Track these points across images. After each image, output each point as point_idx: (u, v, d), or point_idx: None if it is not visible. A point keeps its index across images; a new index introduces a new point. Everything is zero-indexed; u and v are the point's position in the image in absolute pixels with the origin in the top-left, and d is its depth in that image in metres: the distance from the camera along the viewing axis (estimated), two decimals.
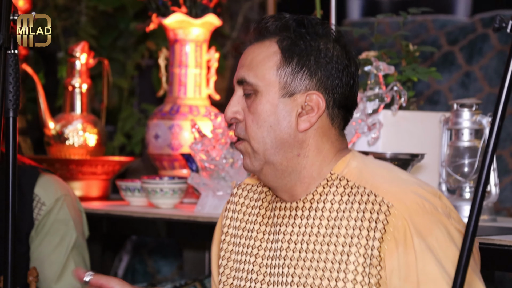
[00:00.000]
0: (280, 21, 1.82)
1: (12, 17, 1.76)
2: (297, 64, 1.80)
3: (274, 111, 1.80)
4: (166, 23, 3.40)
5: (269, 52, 1.81)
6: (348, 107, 1.84)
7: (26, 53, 3.71)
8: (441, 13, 4.22)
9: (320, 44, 1.80)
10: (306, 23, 1.81)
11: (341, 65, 1.81)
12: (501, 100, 1.42)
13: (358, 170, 1.81)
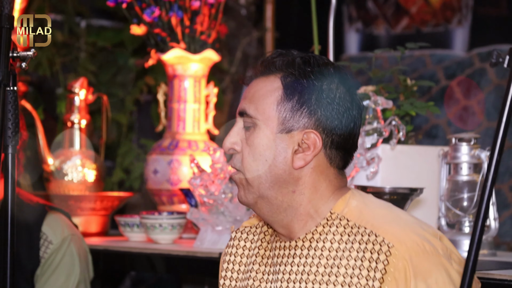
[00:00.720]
0: (287, 57, 1.83)
1: (12, 54, 1.76)
2: (298, 101, 1.80)
3: (270, 146, 1.81)
4: (165, 59, 3.41)
5: (272, 87, 1.82)
6: (347, 149, 1.84)
7: (25, 90, 3.72)
8: (438, 48, 4.23)
9: (324, 84, 1.81)
10: (312, 62, 1.82)
11: (342, 108, 1.81)
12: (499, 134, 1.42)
13: (358, 210, 1.80)
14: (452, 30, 4.34)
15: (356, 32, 4.72)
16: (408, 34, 4.45)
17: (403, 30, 4.51)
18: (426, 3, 4.45)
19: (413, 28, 4.47)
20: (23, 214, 2.55)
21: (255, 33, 4.99)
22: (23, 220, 2.53)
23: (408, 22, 4.49)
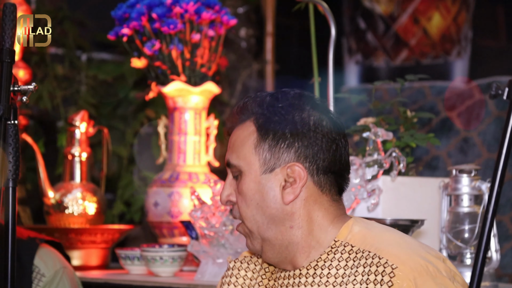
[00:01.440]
0: (257, 99, 1.86)
1: (12, 88, 1.77)
2: (273, 139, 1.82)
3: (258, 189, 1.82)
4: (165, 92, 3.42)
5: (247, 132, 1.85)
6: (337, 172, 1.85)
7: (26, 123, 3.73)
8: (438, 80, 4.25)
9: (295, 116, 1.82)
10: (280, 97, 1.84)
11: (319, 133, 1.82)
12: (500, 166, 1.43)
13: (361, 235, 1.81)
14: (451, 62, 4.35)
15: (356, 64, 4.74)
16: (407, 66, 4.47)
17: (402, 62, 4.52)
18: (426, 35, 4.47)
19: (413, 60, 4.49)
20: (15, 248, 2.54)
21: (255, 65, 5.01)
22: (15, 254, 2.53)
23: (408, 54, 4.51)
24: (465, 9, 4.32)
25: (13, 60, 1.78)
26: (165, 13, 3.34)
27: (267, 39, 4.97)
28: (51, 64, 4.46)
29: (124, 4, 3.41)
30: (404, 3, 4.55)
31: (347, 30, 4.77)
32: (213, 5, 3.40)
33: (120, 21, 3.41)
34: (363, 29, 4.72)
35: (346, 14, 4.79)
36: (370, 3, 4.69)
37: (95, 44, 4.70)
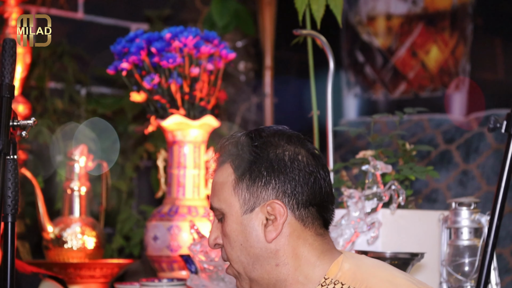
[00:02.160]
0: (232, 140, 1.87)
1: (12, 122, 1.77)
2: (250, 179, 1.83)
3: (241, 230, 1.83)
4: (164, 125, 3.42)
5: (226, 174, 1.86)
6: (319, 204, 1.85)
7: (26, 158, 3.73)
8: (436, 112, 4.26)
9: (270, 153, 1.83)
10: (255, 136, 1.85)
11: (296, 168, 1.83)
12: (499, 199, 1.43)
13: (352, 272, 1.80)
14: (449, 94, 4.37)
15: (354, 97, 4.75)
16: (406, 99, 4.48)
17: (401, 95, 4.54)
18: (424, 68, 4.48)
19: (411, 92, 4.50)
20: (19, 284, 2.53)
21: (254, 98, 5.02)
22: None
23: (406, 87, 4.52)
24: (462, 42, 4.34)
25: (13, 95, 1.79)
26: (164, 48, 3.35)
27: (266, 72, 4.98)
28: (50, 99, 4.47)
29: (123, 38, 3.43)
30: (402, 37, 4.57)
31: (345, 63, 4.79)
32: (212, 39, 3.41)
33: (119, 56, 3.42)
34: (361, 62, 4.74)
35: (344, 47, 4.81)
36: (368, 37, 4.72)
37: (95, 79, 4.71)
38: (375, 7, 4.69)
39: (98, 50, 4.71)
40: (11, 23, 3.53)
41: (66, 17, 4.68)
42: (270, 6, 4.92)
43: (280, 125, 1.91)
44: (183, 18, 5.00)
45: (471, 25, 4.32)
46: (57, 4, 4.62)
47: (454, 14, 4.38)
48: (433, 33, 4.47)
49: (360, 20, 4.74)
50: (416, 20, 4.52)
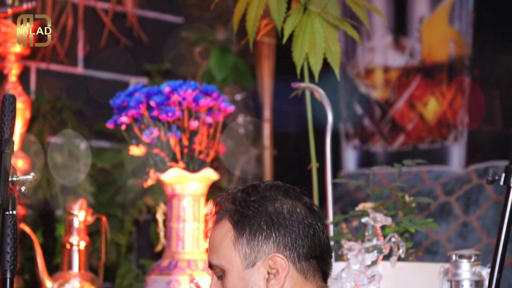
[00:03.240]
0: (228, 197, 1.87)
1: (11, 178, 1.78)
2: (250, 233, 1.83)
3: (242, 285, 1.83)
4: (163, 179, 3.42)
5: (224, 230, 1.86)
6: (318, 256, 1.84)
7: (25, 213, 3.72)
8: (435, 164, 4.26)
9: (268, 207, 1.84)
10: (252, 191, 1.86)
11: (295, 221, 1.83)
12: (499, 251, 1.42)
13: None
14: (448, 146, 4.37)
15: (353, 149, 4.76)
16: (405, 151, 4.49)
17: (400, 146, 4.54)
18: (422, 120, 4.50)
19: (410, 144, 4.51)
20: None
21: (253, 151, 5.03)
22: None
23: (405, 139, 4.53)
24: (460, 94, 4.36)
25: (12, 150, 1.79)
26: (163, 101, 3.37)
27: (265, 125, 4.99)
28: (50, 153, 4.48)
29: (122, 93, 3.44)
30: (399, 89, 4.59)
31: (344, 115, 4.81)
32: (211, 93, 3.42)
33: (118, 110, 3.44)
34: (360, 114, 4.75)
35: (342, 99, 4.83)
36: (367, 89, 4.74)
37: (94, 132, 4.72)
38: (372, 60, 4.72)
39: (98, 104, 4.73)
40: (11, 78, 3.55)
41: (66, 72, 4.71)
42: (268, 60, 4.95)
43: (274, 180, 1.92)
44: (182, 72, 5.03)
45: (469, 77, 4.34)
46: (56, 59, 4.65)
47: (451, 66, 4.41)
48: (430, 85, 4.49)
49: (358, 72, 4.77)
50: (414, 72, 4.55)
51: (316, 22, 3.06)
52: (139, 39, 4.91)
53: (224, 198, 1.88)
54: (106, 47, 4.81)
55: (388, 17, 4.62)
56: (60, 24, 4.58)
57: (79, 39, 4.76)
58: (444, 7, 4.46)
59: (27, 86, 4.56)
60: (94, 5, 4.70)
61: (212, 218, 1.91)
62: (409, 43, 4.58)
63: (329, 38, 3.07)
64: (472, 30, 4.35)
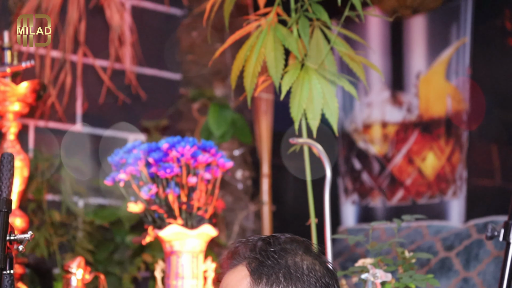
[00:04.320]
0: (248, 243, 1.86)
1: (9, 237, 1.77)
2: (267, 283, 1.82)
3: None
4: (162, 236, 3.41)
5: (240, 276, 1.85)
6: None
7: (23, 272, 3.70)
8: (435, 219, 4.25)
9: (288, 260, 1.83)
10: (273, 242, 1.85)
11: (313, 278, 1.82)
12: None
13: None
14: (447, 201, 4.37)
15: (352, 204, 4.75)
16: (404, 206, 4.48)
17: (399, 201, 4.54)
18: (421, 175, 4.50)
19: (409, 199, 4.50)
20: None
21: (252, 206, 5.02)
22: None
23: (404, 194, 4.53)
24: (458, 149, 4.37)
25: (10, 209, 1.79)
26: (161, 158, 3.37)
27: (264, 180, 4.99)
28: (48, 211, 4.47)
29: (121, 150, 3.45)
30: (398, 144, 4.60)
31: (342, 171, 4.81)
32: (209, 149, 3.43)
33: (117, 167, 3.44)
34: (358, 169, 4.75)
35: (341, 154, 4.84)
36: (365, 144, 4.75)
37: (92, 190, 4.72)
38: (370, 115, 4.73)
39: (96, 161, 4.73)
40: (9, 137, 3.55)
41: (64, 130, 4.72)
42: (266, 115, 4.96)
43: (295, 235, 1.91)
44: (181, 128, 5.04)
45: (466, 132, 4.35)
46: (55, 117, 4.67)
47: (449, 121, 4.42)
48: (429, 140, 4.50)
49: (356, 127, 4.78)
50: (412, 127, 4.56)
51: (313, 78, 3.08)
52: (138, 96, 4.93)
53: (243, 245, 1.87)
54: (105, 104, 4.83)
55: (385, 72, 4.64)
56: (58, 82, 4.61)
57: (77, 96, 4.77)
58: (441, 63, 4.48)
59: (26, 144, 4.56)
60: (92, 63, 4.73)
61: (227, 263, 1.89)
62: (406, 98, 4.59)
63: (327, 94, 3.08)
64: (469, 85, 4.37)
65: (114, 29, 4.63)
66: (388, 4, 4.48)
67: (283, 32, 3.09)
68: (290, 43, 3.05)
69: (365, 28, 4.74)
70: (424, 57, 4.56)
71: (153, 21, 5.11)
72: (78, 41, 4.63)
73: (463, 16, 4.42)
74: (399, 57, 4.63)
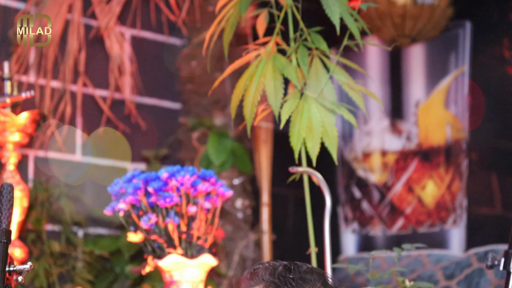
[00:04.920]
0: (269, 267, 1.86)
1: (8, 268, 1.76)
2: None
3: None
4: (162, 265, 3.40)
5: None
6: None
7: None
8: (435, 248, 4.24)
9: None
10: (293, 269, 1.85)
11: None
12: None
13: None
14: (448, 230, 4.36)
15: (352, 233, 4.74)
16: (404, 234, 4.47)
17: (399, 230, 4.53)
18: (421, 203, 4.49)
19: (409, 228, 4.50)
20: None
21: (252, 235, 5.00)
22: None
23: (404, 222, 4.52)
24: (458, 178, 4.37)
25: (9, 240, 1.79)
26: (161, 187, 3.37)
27: (263, 209, 4.98)
28: (47, 242, 4.46)
29: (120, 179, 3.44)
30: (397, 172, 4.60)
31: (342, 199, 4.80)
32: (208, 178, 3.42)
33: (116, 196, 3.43)
34: (358, 198, 4.75)
35: (340, 183, 4.83)
36: (365, 173, 4.75)
37: (91, 219, 4.71)
38: (370, 143, 4.73)
39: (96, 190, 4.72)
40: (9, 167, 3.55)
41: (64, 159, 4.72)
42: (266, 144, 4.96)
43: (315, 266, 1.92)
44: (180, 158, 5.04)
45: (466, 160, 4.35)
46: (55, 147, 4.66)
47: (449, 149, 4.42)
48: (428, 169, 4.50)
49: (355, 156, 4.78)
50: (411, 155, 4.56)
51: (313, 107, 3.08)
52: (137, 125, 4.93)
53: (264, 268, 1.88)
54: (104, 134, 4.83)
55: (384, 101, 4.65)
56: (58, 112, 4.61)
57: (77, 126, 4.77)
58: (440, 91, 4.49)
59: (25, 174, 4.56)
60: (92, 93, 4.74)
61: (246, 283, 1.89)
62: (405, 126, 4.60)
63: (326, 123, 3.08)
64: (468, 113, 4.38)
65: (114, 59, 4.64)
66: (387, 33, 4.50)
67: (282, 61, 3.10)
68: (289, 72, 3.06)
69: (364, 57, 4.75)
70: (423, 85, 4.57)
71: (153, 50, 5.12)
72: (78, 71, 4.64)
73: (461, 44, 4.43)
74: (398, 86, 4.64)
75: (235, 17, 3.16)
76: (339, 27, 2.97)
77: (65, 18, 4.56)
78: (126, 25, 4.87)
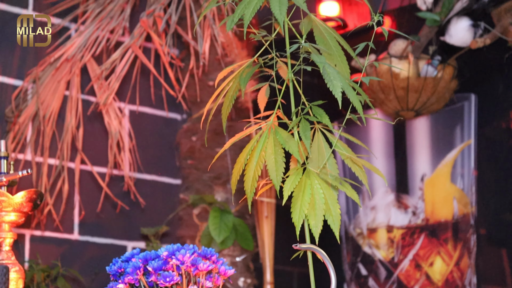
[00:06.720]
0: None
1: None
2: None
3: None
4: None
5: None
6: None
7: None
8: None
9: None
10: None
11: None
12: None
13: None
14: None
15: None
16: None
17: None
18: (429, 280, 4.44)
19: None
20: None
21: None
22: None
23: None
24: (467, 254, 4.31)
25: None
26: (161, 266, 3.30)
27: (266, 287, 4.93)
28: None
29: (119, 259, 3.38)
30: (404, 249, 4.55)
31: (348, 277, 4.74)
32: (210, 256, 3.36)
33: (115, 276, 3.36)
34: (364, 275, 4.68)
35: (346, 260, 4.77)
36: (370, 249, 4.69)
37: None
38: (375, 218, 4.69)
39: (94, 270, 4.66)
40: (4, 248, 3.48)
41: (61, 238, 4.67)
42: (268, 220, 4.92)
43: None
44: (181, 235, 5.00)
45: (474, 236, 4.31)
46: (51, 226, 4.62)
47: (456, 225, 4.39)
48: (436, 245, 4.45)
49: (360, 232, 4.73)
50: (418, 231, 4.51)
51: (315, 183, 3.03)
52: (137, 202, 4.88)
53: None
54: (103, 212, 4.78)
55: (389, 175, 4.62)
56: (56, 190, 4.56)
57: (75, 204, 4.73)
58: (446, 165, 4.46)
59: (21, 254, 4.50)
60: (90, 170, 4.69)
61: None
62: (411, 201, 4.56)
63: (329, 200, 3.03)
64: (475, 188, 4.35)
65: (113, 135, 4.60)
66: (390, 106, 4.48)
67: (283, 135, 3.06)
68: (291, 146, 3.02)
69: (367, 130, 4.73)
70: (429, 159, 4.54)
71: (152, 125, 5.11)
72: (76, 148, 4.60)
73: (467, 118, 4.42)
74: (403, 160, 4.62)
75: (234, 91, 3.13)
76: (341, 101, 2.93)
77: (63, 94, 4.55)
78: (125, 101, 4.85)
